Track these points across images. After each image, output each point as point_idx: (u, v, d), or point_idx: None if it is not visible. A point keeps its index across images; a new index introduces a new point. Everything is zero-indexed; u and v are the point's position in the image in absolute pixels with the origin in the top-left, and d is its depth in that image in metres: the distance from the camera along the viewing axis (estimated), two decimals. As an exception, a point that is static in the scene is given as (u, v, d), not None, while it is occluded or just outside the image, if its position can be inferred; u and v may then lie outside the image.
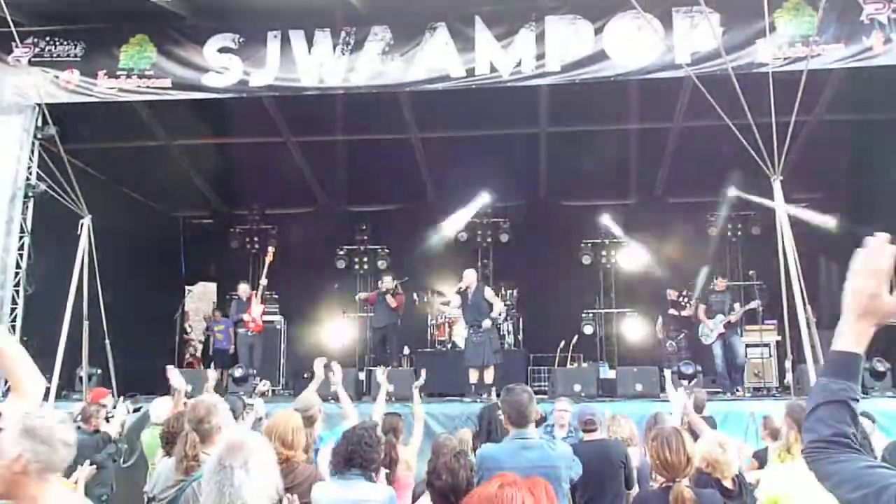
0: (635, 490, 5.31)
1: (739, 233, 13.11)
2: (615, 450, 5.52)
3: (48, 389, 8.52)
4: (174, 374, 6.24)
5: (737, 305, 11.17)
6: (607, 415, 6.60)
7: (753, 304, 11.17)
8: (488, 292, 10.72)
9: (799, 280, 8.18)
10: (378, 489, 3.91)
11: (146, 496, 4.22)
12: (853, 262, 1.73)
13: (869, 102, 10.69)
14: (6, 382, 9.16)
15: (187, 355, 14.28)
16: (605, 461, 5.34)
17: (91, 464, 5.10)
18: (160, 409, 6.42)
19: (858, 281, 1.73)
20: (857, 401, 1.73)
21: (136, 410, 7.95)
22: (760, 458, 5.79)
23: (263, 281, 12.11)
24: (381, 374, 6.64)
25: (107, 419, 6.76)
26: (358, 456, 3.88)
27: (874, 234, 1.73)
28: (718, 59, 8.77)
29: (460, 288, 10.53)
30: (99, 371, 10.25)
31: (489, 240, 13.89)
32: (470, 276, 10.64)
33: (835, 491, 1.68)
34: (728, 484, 4.41)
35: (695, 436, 5.07)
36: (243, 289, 12.24)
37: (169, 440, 4.55)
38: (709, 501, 3.84)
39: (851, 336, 1.74)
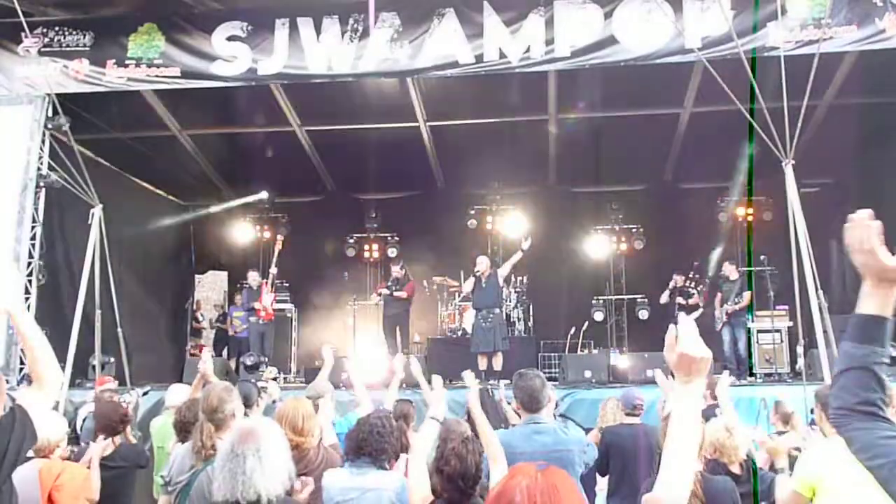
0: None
1: (751, 217, 13.04)
2: (652, 434, 5.47)
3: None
4: (206, 359, 6.25)
5: (745, 295, 11.22)
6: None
7: (746, 299, 11.24)
8: (501, 279, 10.81)
9: (811, 265, 8.13)
10: (390, 477, 3.91)
11: (162, 480, 4.26)
12: (848, 241, 1.74)
13: (881, 85, 10.57)
14: (20, 371, 9.28)
15: (190, 345, 14.32)
16: (641, 445, 5.29)
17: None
18: (176, 394, 6.47)
19: (858, 259, 1.74)
20: (884, 364, 1.72)
21: (144, 394, 8.02)
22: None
23: (273, 269, 12.15)
24: (397, 361, 6.63)
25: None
26: (369, 444, 3.89)
27: (855, 212, 1.73)
28: (729, 43, 8.70)
29: (476, 272, 10.60)
30: (112, 360, 10.32)
31: (498, 227, 13.88)
32: (484, 263, 10.71)
33: (859, 457, 1.70)
34: (735, 469, 4.40)
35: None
36: (253, 277, 12.29)
37: (181, 428, 4.58)
38: (719, 489, 3.82)
39: (873, 300, 1.73)
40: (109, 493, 4.79)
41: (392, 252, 14.05)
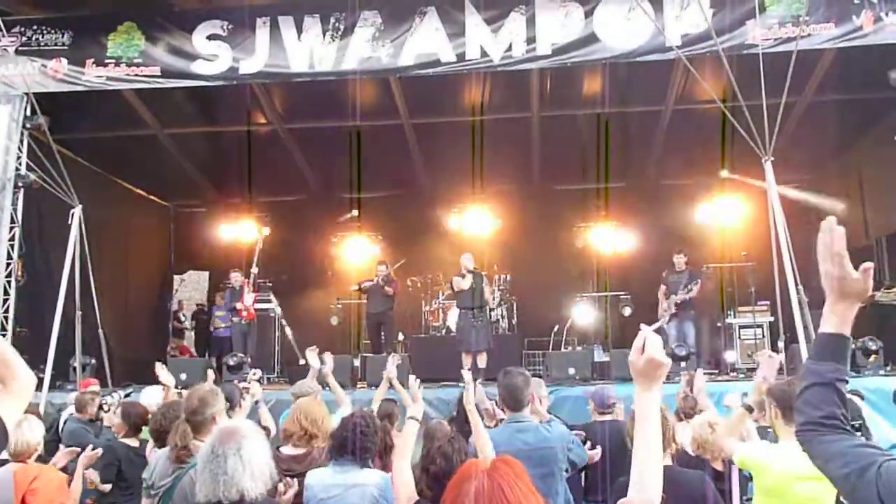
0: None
1: (732, 214, 13.10)
2: (623, 431, 5.47)
3: (41, 380, 8.52)
4: (162, 371, 6.28)
5: (693, 286, 11.15)
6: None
7: (693, 290, 11.15)
8: (485, 280, 10.82)
9: (791, 260, 8.20)
10: (372, 474, 3.92)
11: (145, 483, 4.25)
12: (817, 250, 1.78)
13: (859, 82, 10.68)
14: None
15: (171, 345, 14.25)
16: (621, 441, 5.31)
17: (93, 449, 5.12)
18: (149, 398, 6.44)
19: (825, 267, 1.80)
20: (845, 381, 1.79)
21: (126, 396, 7.97)
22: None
23: (254, 269, 12.11)
24: (391, 362, 6.57)
25: (101, 408, 6.76)
26: (352, 443, 3.90)
27: (825, 218, 1.78)
28: (709, 41, 8.76)
29: (469, 270, 10.58)
30: (93, 361, 10.23)
31: (482, 224, 13.88)
32: (471, 259, 10.72)
33: (825, 468, 1.76)
34: (718, 466, 4.44)
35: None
36: (235, 277, 12.22)
37: (158, 435, 4.57)
38: (683, 482, 3.83)
39: (835, 318, 1.80)
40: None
41: (376, 250, 14.01)
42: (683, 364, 10.05)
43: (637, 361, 1.88)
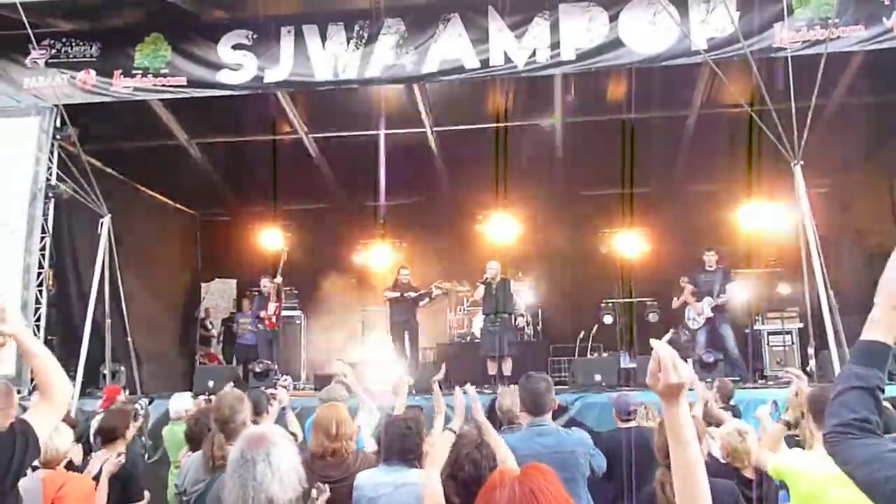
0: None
1: (761, 218, 12.94)
2: (649, 437, 5.40)
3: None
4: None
5: (728, 287, 10.90)
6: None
7: (724, 296, 10.88)
8: (513, 286, 10.78)
9: (821, 265, 8.08)
10: (420, 474, 3.94)
11: (177, 489, 4.28)
12: (893, 255, 1.75)
13: (889, 84, 10.52)
14: (32, 382, 9.32)
15: (200, 353, 14.36)
16: (647, 448, 5.24)
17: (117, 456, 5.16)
18: (179, 404, 6.49)
19: (892, 274, 1.76)
20: (883, 390, 1.75)
21: (150, 403, 8.05)
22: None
23: (278, 279, 12.17)
24: (401, 372, 6.62)
25: (134, 417, 6.82)
26: (398, 444, 3.96)
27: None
28: (736, 44, 8.68)
29: (485, 279, 10.57)
30: (122, 368, 10.35)
31: (507, 230, 13.84)
32: (494, 268, 10.67)
33: (856, 472, 1.70)
34: (748, 473, 4.37)
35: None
36: (264, 283, 12.30)
37: (193, 438, 4.63)
38: (714, 491, 3.77)
39: (883, 326, 1.76)
40: None
41: (400, 258, 14.03)
42: (709, 371, 9.92)
43: (655, 385, 1.78)
